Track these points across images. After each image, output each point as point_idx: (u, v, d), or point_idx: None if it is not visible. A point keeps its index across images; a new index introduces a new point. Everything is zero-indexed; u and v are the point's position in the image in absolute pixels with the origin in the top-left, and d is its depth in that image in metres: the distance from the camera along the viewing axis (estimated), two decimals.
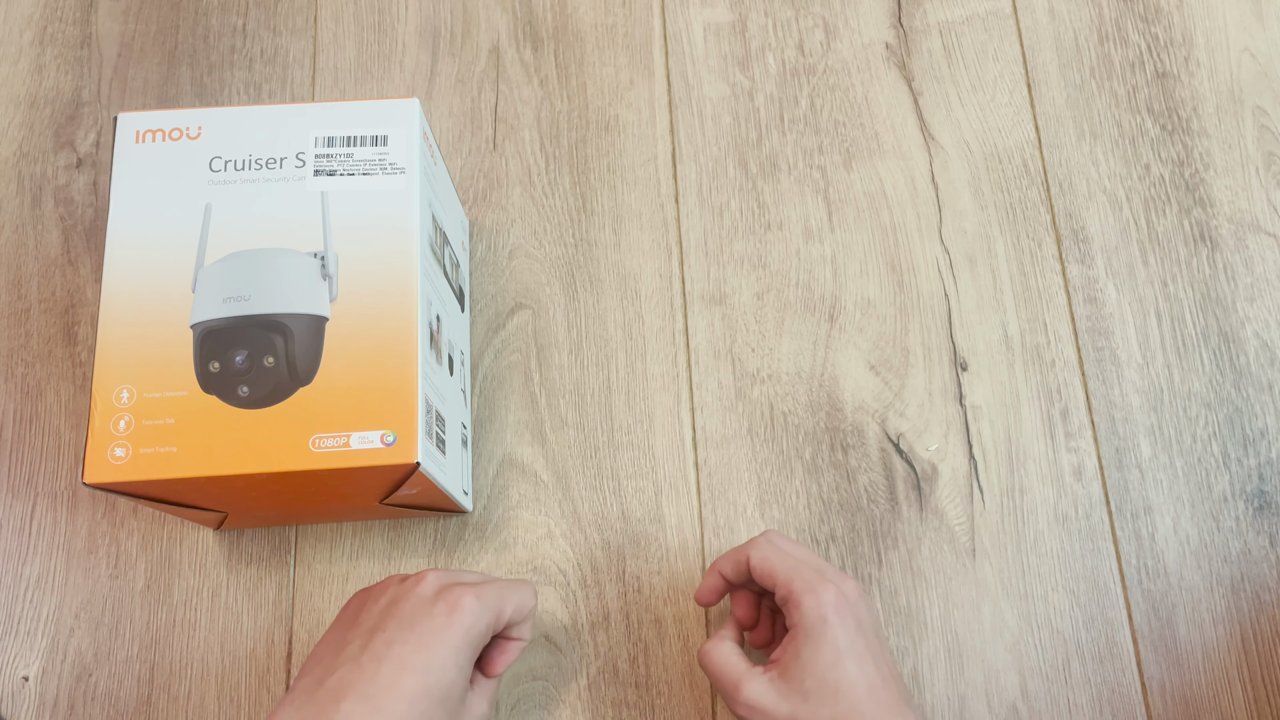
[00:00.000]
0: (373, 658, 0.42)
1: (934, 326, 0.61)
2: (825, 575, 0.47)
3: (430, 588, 0.45)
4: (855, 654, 0.45)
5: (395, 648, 0.43)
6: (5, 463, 0.60)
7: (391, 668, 0.42)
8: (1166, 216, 0.63)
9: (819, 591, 0.46)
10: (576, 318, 0.62)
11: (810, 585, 0.47)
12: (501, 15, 0.68)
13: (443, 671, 0.43)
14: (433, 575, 0.46)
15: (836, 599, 0.46)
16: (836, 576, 0.48)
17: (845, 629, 0.46)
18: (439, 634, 0.43)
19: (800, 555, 0.49)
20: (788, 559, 0.48)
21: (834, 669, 0.45)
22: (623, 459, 0.59)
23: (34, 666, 0.56)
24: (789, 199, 0.64)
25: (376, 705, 0.41)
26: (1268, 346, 0.61)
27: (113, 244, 0.49)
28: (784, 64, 0.67)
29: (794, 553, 0.49)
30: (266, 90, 0.67)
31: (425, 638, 0.43)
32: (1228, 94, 0.66)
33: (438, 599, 0.45)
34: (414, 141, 0.51)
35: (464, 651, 0.44)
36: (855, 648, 0.45)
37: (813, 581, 0.47)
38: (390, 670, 0.42)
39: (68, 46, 0.68)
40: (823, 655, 0.45)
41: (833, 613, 0.46)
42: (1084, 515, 0.58)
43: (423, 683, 0.42)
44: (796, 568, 0.48)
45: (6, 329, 0.62)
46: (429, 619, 0.44)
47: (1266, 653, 0.56)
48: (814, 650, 0.45)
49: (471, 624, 0.44)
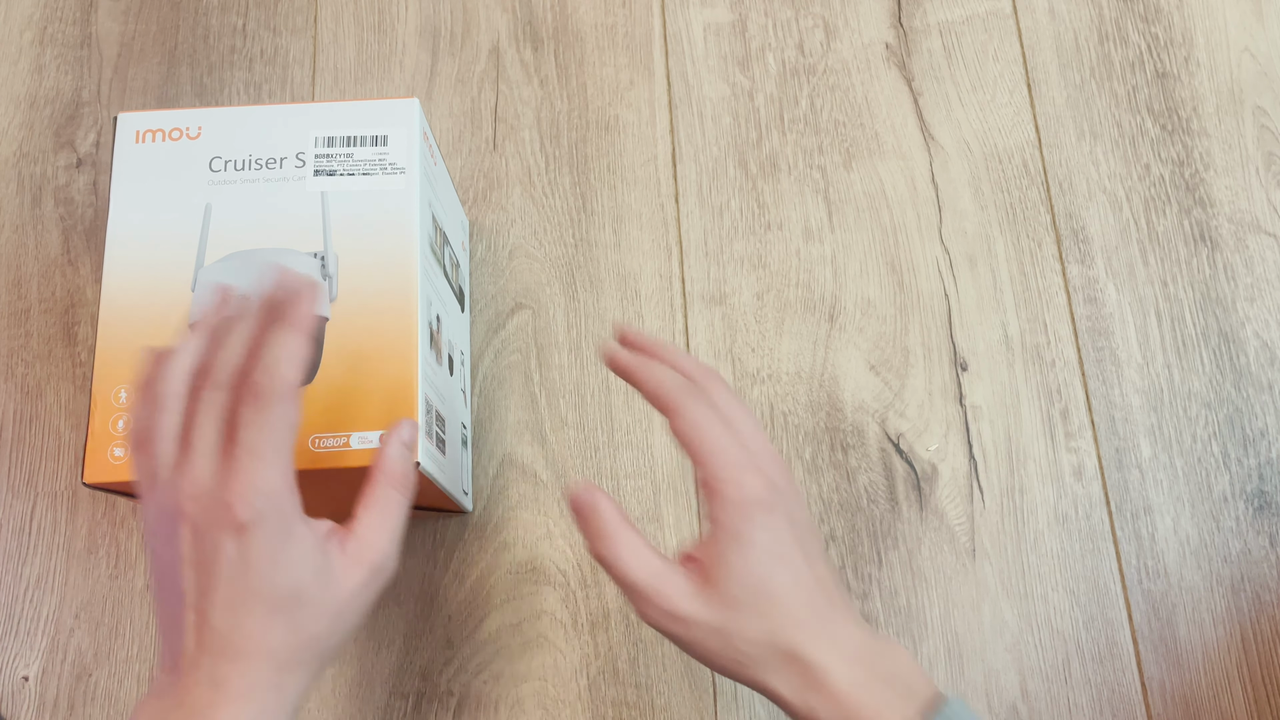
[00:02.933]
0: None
1: (934, 326, 0.61)
2: (756, 459, 0.41)
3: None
4: (788, 556, 0.40)
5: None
6: (5, 463, 0.60)
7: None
8: (1166, 216, 0.63)
9: (744, 482, 0.40)
10: (576, 318, 0.62)
11: (735, 473, 0.40)
12: (501, 15, 0.68)
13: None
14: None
15: (766, 491, 0.40)
16: (769, 460, 0.41)
17: (775, 527, 0.40)
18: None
19: (737, 425, 0.41)
20: (715, 432, 0.40)
21: (764, 575, 0.39)
22: (622, 459, 0.59)
23: (34, 666, 0.56)
24: (789, 199, 0.64)
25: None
26: (1268, 346, 0.61)
27: (113, 244, 0.49)
28: (784, 64, 0.67)
29: (731, 418, 0.42)
30: (266, 90, 0.67)
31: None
32: (1228, 94, 0.66)
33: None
34: (414, 141, 0.51)
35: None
36: (788, 549, 0.40)
37: (739, 467, 0.40)
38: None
39: (68, 46, 0.68)
40: (751, 559, 0.39)
41: (761, 508, 0.39)
42: (1084, 515, 0.58)
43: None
44: (722, 445, 0.40)
45: (6, 329, 0.62)
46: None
47: (1266, 653, 0.56)
48: (741, 553, 0.39)
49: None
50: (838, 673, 0.38)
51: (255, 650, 0.37)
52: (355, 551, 0.40)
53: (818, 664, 0.38)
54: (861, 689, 0.38)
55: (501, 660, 0.56)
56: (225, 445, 0.38)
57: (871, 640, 0.40)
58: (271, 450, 0.37)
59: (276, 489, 0.37)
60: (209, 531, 0.37)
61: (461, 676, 0.56)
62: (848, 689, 0.38)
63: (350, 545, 0.40)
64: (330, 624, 0.39)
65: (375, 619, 0.57)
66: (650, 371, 0.43)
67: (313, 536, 0.39)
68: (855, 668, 0.39)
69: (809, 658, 0.39)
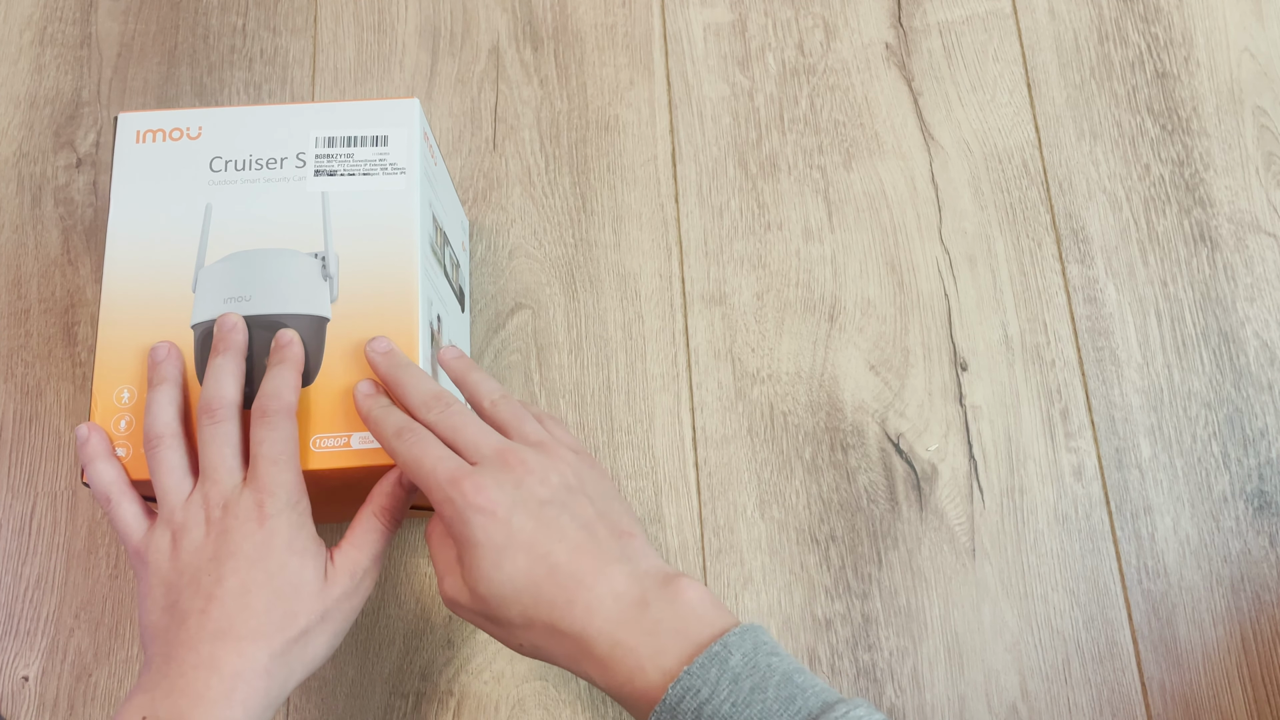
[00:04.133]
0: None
1: (934, 326, 0.61)
2: (463, 467, 0.42)
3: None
4: (518, 545, 0.41)
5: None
6: (5, 463, 0.60)
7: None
8: (1166, 216, 0.63)
9: (454, 495, 0.41)
10: (576, 318, 0.62)
11: (446, 491, 0.41)
12: (501, 15, 0.68)
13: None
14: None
15: (474, 494, 0.41)
16: (494, 453, 0.42)
17: (496, 525, 0.41)
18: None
19: (462, 436, 0.43)
20: (428, 456, 0.42)
21: (497, 571, 0.41)
22: (623, 459, 0.59)
23: (34, 666, 0.56)
24: (789, 199, 0.64)
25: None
26: (1268, 346, 0.61)
27: (113, 244, 0.49)
28: (784, 64, 0.67)
29: (454, 431, 0.43)
30: (266, 90, 0.67)
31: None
32: (1228, 94, 0.66)
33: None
34: (414, 141, 0.51)
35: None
36: (516, 539, 0.41)
37: (448, 482, 0.41)
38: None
39: (68, 46, 0.68)
40: (481, 561, 0.41)
41: (475, 513, 0.41)
42: (1084, 515, 0.58)
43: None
44: (429, 469, 0.42)
45: (6, 329, 0.62)
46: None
47: (1266, 653, 0.56)
48: (471, 557, 0.41)
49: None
50: (598, 637, 0.40)
51: (254, 634, 0.41)
52: (341, 561, 0.45)
53: (579, 632, 0.40)
54: (621, 648, 0.40)
55: (502, 660, 0.56)
56: (243, 462, 0.45)
57: (643, 590, 0.40)
58: (286, 457, 0.44)
59: (295, 488, 0.44)
60: (238, 527, 0.43)
61: (462, 676, 0.56)
62: (609, 649, 0.40)
63: (338, 555, 0.45)
64: (319, 622, 0.43)
65: (375, 619, 0.57)
66: (370, 415, 0.46)
67: (317, 536, 0.45)
68: (617, 627, 0.40)
69: (570, 628, 0.40)
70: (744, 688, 0.38)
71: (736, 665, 0.38)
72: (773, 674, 0.39)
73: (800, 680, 0.39)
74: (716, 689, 0.38)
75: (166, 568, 0.43)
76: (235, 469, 0.44)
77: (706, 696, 0.38)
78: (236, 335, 0.47)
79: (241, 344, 0.47)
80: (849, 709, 0.37)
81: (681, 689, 0.38)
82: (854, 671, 0.55)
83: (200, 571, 0.42)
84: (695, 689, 0.38)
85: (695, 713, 0.38)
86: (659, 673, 0.39)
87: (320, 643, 0.44)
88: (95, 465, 0.46)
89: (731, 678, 0.38)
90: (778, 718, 0.37)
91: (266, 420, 0.44)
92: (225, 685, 0.40)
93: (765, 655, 0.39)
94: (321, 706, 0.56)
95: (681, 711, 0.38)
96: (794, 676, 0.39)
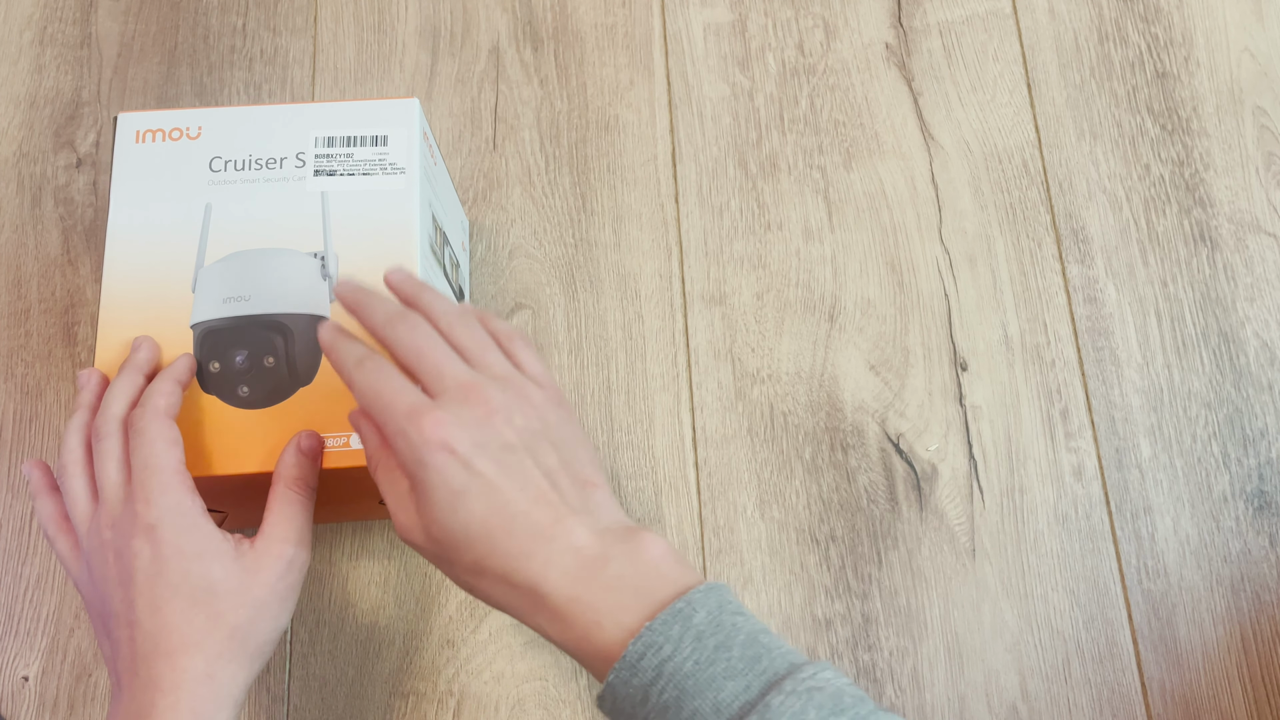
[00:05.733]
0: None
1: (934, 326, 0.61)
2: (425, 402, 0.40)
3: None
4: (476, 491, 0.39)
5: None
6: (5, 463, 0.60)
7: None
8: (1166, 216, 0.63)
9: (410, 430, 0.39)
10: (576, 318, 0.62)
11: (402, 424, 0.39)
12: (501, 15, 0.68)
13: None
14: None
15: (433, 430, 0.39)
16: (456, 386, 0.40)
17: (454, 466, 0.38)
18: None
19: (425, 363, 0.41)
20: (386, 388, 0.40)
21: (452, 515, 0.39)
22: (623, 459, 0.59)
23: (34, 666, 0.56)
24: (789, 199, 0.64)
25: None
26: (1268, 346, 0.61)
27: (113, 244, 0.49)
28: (784, 64, 0.67)
29: (418, 358, 0.41)
30: (266, 90, 0.67)
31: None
32: (1228, 94, 0.66)
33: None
34: (414, 141, 0.51)
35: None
36: (474, 483, 0.38)
37: (405, 416, 0.39)
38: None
39: (68, 46, 0.68)
40: (436, 502, 0.39)
41: (433, 452, 0.38)
42: (1084, 515, 0.58)
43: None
44: (385, 401, 0.40)
45: (6, 329, 0.62)
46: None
47: (1266, 653, 0.56)
48: (425, 497, 0.39)
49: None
50: (556, 590, 0.38)
51: (181, 645, 0.41)
52: (264, 547, 0.44)
53: (534, 585, 0.38)
54: (578, 604, 0.38)
55: (502, 660, 0.56)
56: (126, 476, 0.44)
57: (604, 545, 0.39)
58: (160, 462, 0.43)
59: (174, 491, 0.42)
60: (126, 544, 0.42)
61: (461, 676, 0.56)
62: (566, 604, 0.38)
63: (259, 542, 0.44)
64: (251, 615, 0.42)
65: (375, 619, 0.57)
66: (333, 347, 0.43)
67: (219, 532, 0.43)
68: (575, 583, 0.38)
69: (525, 581, 0.38)
70: (708, 645, 0.37)
71: (700, 623, 0.37)
72: (738, 633, 0.37)
73: (766, 640, 0.37)
74: (679, 646, 0.36)
75: (91, 597, 0.44)
76: (119, 484, 0.43)
77: (669, 654, 0.36)
78: (138, 354, 0.47)
79: (141, 361, 0.46)
80: (816, 670, 0.36)
81: (642, 645, 0.36)
82: (854, 671, 0.55)
83: (113, 598, 0.42)
84: (657, 645, 0.36)
85: (656, 670, 0.36)
86: (618, 629, 0.37)
87: (263, 629, 0.43)
88: (35, 502, 0.47)
89: (695, 635, 0.37)
90: (742, 677, 0.36)
91: (134, 430, 0.44)
92: (168, 700, 0.41)
93: (730, 614, 0.38)
94: (321, 706, 0.56)
95: (641, 669, 0.36)
96: (759, 636, 0.37)
